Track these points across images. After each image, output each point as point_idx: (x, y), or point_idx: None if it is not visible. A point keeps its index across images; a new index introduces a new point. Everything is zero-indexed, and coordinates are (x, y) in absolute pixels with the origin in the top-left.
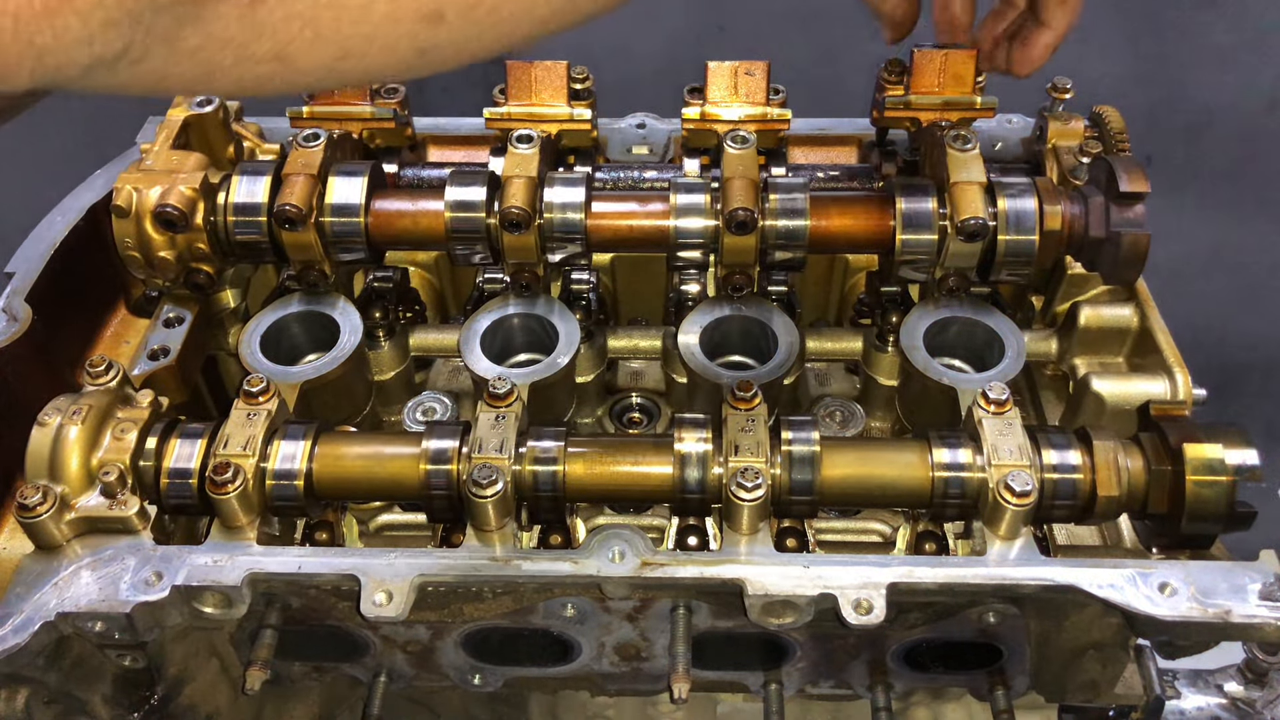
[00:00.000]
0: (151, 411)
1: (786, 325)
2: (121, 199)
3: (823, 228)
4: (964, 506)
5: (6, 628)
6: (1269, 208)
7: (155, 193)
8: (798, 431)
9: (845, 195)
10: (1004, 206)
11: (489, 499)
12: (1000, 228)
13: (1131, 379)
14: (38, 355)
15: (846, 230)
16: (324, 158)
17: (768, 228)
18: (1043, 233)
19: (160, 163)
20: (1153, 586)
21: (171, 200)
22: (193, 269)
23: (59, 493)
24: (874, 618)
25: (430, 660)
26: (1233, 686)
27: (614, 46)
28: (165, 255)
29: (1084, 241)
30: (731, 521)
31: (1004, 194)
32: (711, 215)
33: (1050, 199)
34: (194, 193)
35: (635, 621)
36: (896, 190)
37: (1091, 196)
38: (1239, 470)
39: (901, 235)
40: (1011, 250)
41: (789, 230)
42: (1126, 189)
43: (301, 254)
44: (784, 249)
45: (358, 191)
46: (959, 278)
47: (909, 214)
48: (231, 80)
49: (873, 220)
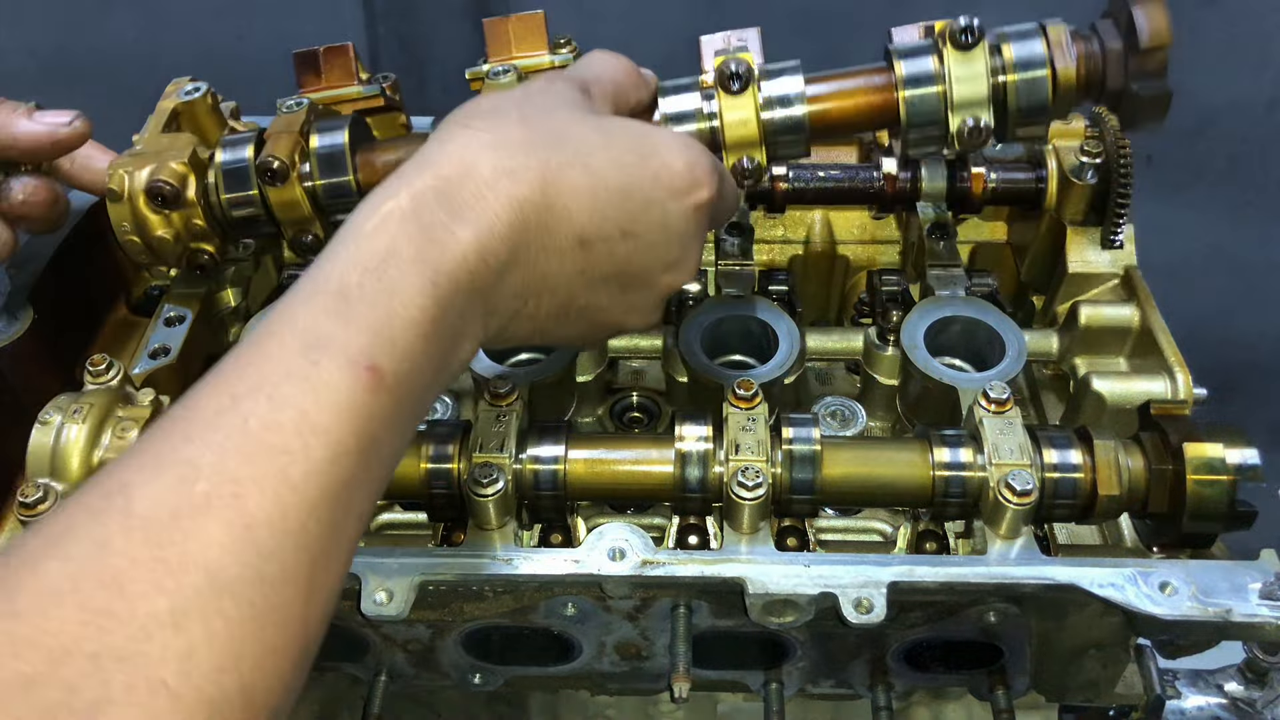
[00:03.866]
0: (152, 410)
1: (787, 324)
2: (114, 183)
3: (822, 111)
4: (965, 505)
5: None
6: (1269, 208)
7: (146, 172)
8: (798, 431)
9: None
10: (1009, 49)
11: (490, 498)
12: (1007, 67)
13: (1132, 378)
14: (38, 354)
15: (850, 106)
16: (305, 118)
17: (765, 119)
18: (1055, 72)
19: (150, 146)
20: (1153, 586)
21: (162, 176)
22: (194, 250)
23: (60, 491)
24: (875, 617)
25: (431, 659)
26: (1233, 686)
27: (614, 47)
28: (163, 235)
29: (1101, 90)
30: (732, 520)
31: (1008, 39)
32: (704, 119)
33: (1058, 40)
34: (184, 167)
35: (636, 620)
36: (896, 56)
37: (1109, 42)
38: (1240, 470)
39: (905, 93)
40: (1023, 92)
41: (788, 118)
42: (1147, 44)
43: (291, 213)
44: (787, 131)
45: (341, 137)
46: (975, 131)
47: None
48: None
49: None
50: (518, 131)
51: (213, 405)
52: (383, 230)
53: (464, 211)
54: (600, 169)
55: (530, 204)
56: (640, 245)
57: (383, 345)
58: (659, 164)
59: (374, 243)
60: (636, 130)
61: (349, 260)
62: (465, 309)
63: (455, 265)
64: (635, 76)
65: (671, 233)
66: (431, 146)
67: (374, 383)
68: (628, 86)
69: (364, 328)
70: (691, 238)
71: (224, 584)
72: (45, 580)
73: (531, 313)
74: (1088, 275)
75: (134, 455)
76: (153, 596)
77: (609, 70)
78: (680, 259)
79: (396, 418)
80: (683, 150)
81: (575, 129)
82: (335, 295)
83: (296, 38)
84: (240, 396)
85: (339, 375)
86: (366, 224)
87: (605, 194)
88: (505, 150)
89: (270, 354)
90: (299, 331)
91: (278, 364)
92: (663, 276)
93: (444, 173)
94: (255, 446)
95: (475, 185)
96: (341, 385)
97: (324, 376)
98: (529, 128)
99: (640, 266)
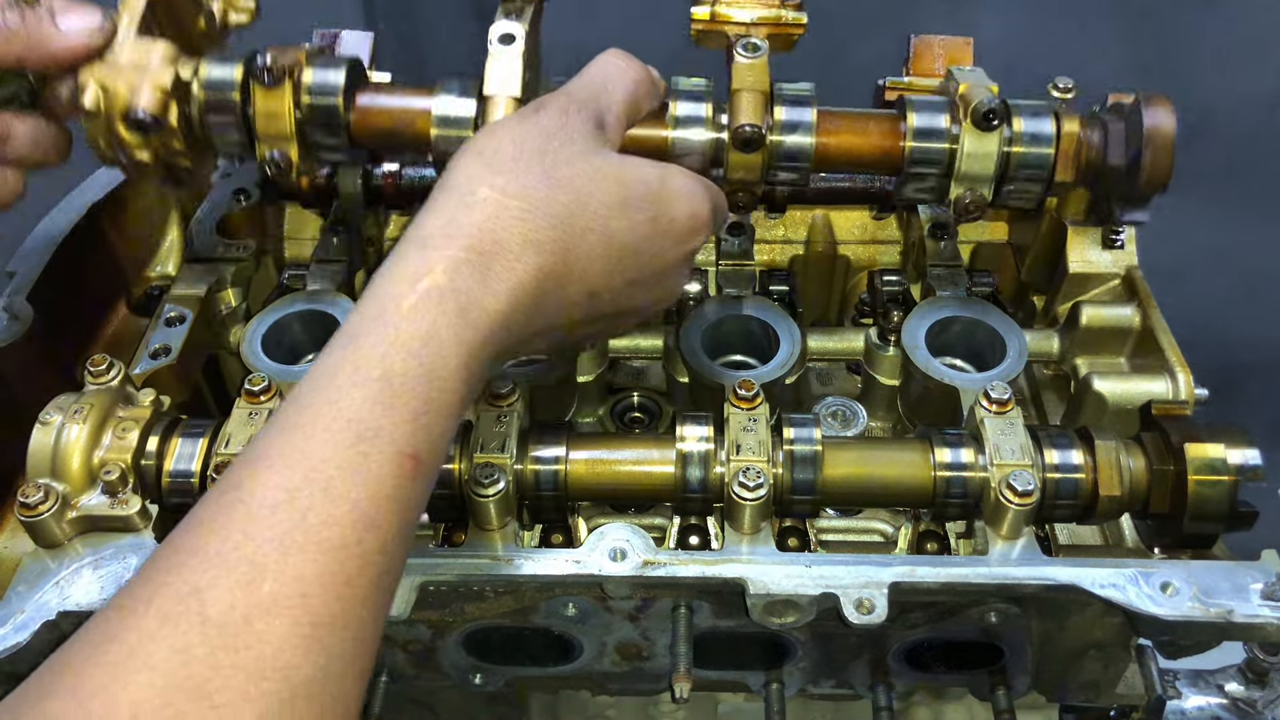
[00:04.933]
0: (153, 411)
1: (788, 325)
2: (89, 100)
3: (829, 145)
4: (966, 506)
5: (7, 626)
6: (1269, 208)
7: (124, 93)
8: (800, 431)
9: (853, 112)
10: (1019, 121)
11: (490, 498)
12: (1015, 139)
13: (1133, 379)
14: (39, 354)
15: (854, 147)
16: (309, 51)
17: (773, 143)
18: (1057, 157)
19: (126, 54)
20: (1154, 586)
21: (142, 104)
22: (171, 165)
23: (60, 491)
24: (876, 617)
25: (431, 659)
26: (1233, 687)
27: (614, 46)
28: (142, 158)
29: (1091, 183)
30: (733, 521)
31: (1019, 113)
32: (714, 128)
33: (1067, 116)
34: (165, 93)
35: (636, 621)
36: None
37: (1112, 157)
38: (1241, 470)
39: (911, 144)
40: (1025, 162)
41: (795, 148)
42: (1143, 186)
43: (273, 125)
44: (789, 169)
45: (339, 75)
46: (975, 199)
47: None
48: None
49: (883, 137)
50: (542, 192)
51: (268, 498)
52: (423, 310)
53: (496, 285)
54: (616, 232)
55: (552, 272)
56: (640, 288)
57: (422, 432)
58: (667, 219)
59: (415, 324)
60: (652, 183)
61: (392, 343)
62: (486, 371)
63: (485, 340)
64: (649, 84)
65: (667, 275)
66: (456, 205)
67: (415, 470)
68: (642, 99)
69: (408, 417)
70: (682, 273)
71: (298, 685)
72: (137, 694)
73: (529, 349)
74: (1089, 275)
75: (193, 551)
76: (239, 706)
77: (623, 88)
78: (670, 291)
79: (427, 494)
80: (690, 202)
81: (597, 184)
82: (381, 383)
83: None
84: (294, 489)
85: (387, 467)
86: (405, 300)
87: (618, 253)
88: (532, 220)
89: (320, 442)
90: (348, 421)
91: (330, 455)
92: (652, 306)
93: (475, 244)
94: (315, 545)
95: (505, 258)
96: (388, 476)
97: (373, 469)
98: (552, 188)
99: (636, 304)
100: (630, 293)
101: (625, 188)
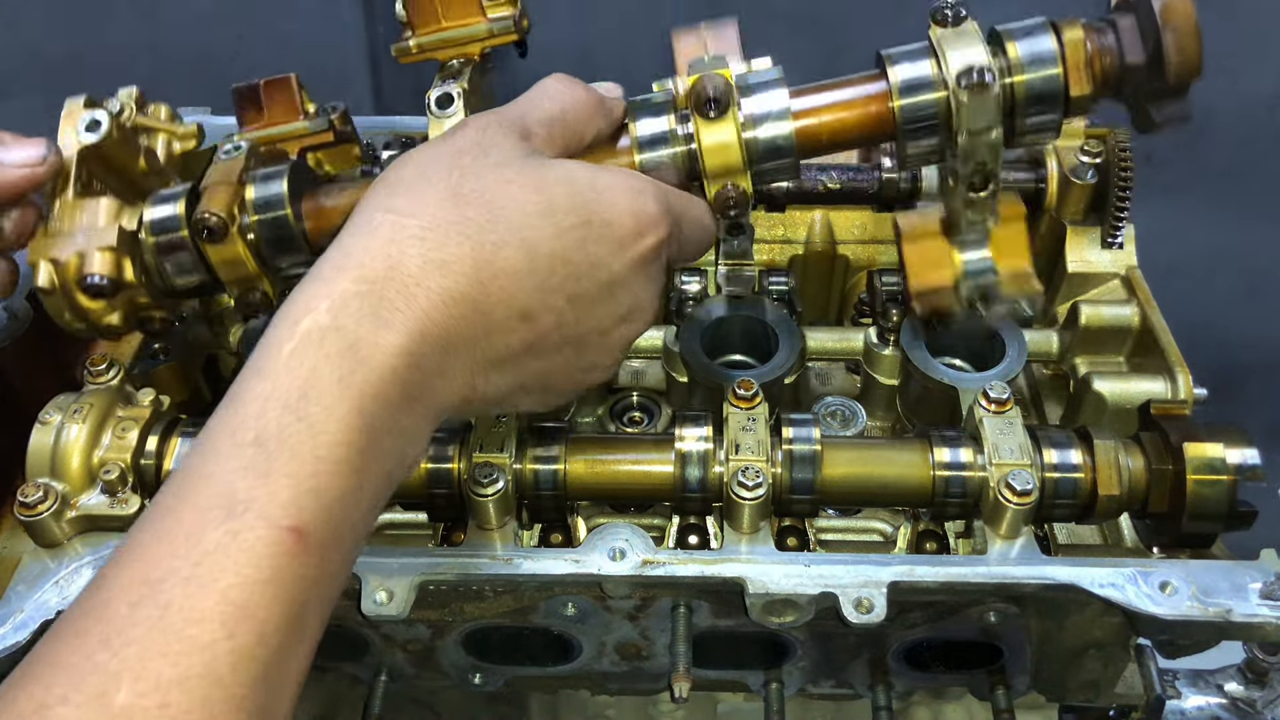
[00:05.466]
0: (152, 410)
1: (787, 324)
2: (43, 279)
3: (812, 128)
4: (965, 505)
5: (7, 626)
6: (1269, 208)
7: (73, 262)
8: (799, 430)
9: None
10: (1013, 46)
11: (490, 497)
12: (1014, 67)
13: (1132, 378)
14: (39, 354)
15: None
16: (244, 164)
17: (748, 140)
18: (1066, 74)
19: (67, 219)
20: (1154, 586)
21: (94, 270)
22: (145, 319)
23: (60, 491)
24: (875, 616)
25: (431, 659)
26: (1233, 686)
27: (614, 46)
28: (111, 322)
29: (1116, 94)
30: (732, 520)
31: (1012, 37)
32: (680, 141)
33: (1068, 25)
34: (113, 254)
35: (636, 620)
36: (888, 61)
37: (1130, 55)
38: (1240, 469)
39: (900, 101)
40: (1032, 90)
41: (774, 141)
42: (1174, 78)
43: (235, 272)
44: (773, 153)
45: (280, 185)
46: (990, 153)
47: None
48: None
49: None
50: (447, 210)
51: (128, 596)
52: (301, 355)
53: (391, 315)
54: (538, 241)
55: (464, 295)
56: (588, 306)
57: (307, 499)
58: (601, 221)
59: (293, 372)
60: (579, 182)
61: (266, 397)
62: (400, 420)
63: (384, 381)
64: (590, 107)
65: (620, 286)
66: (352, 235)
67: (298, 545)
68: (581, 120)
69: (287, 484)
70: (643, 286)
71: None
72: None
73: (484, 394)
74: (1088, 275)
75: (49, 663)
76: None
77: (557, 105)
78: (633, 308)
79: (325, 570)
80: (628, 197)
81: (510, 194)
82: (253, 447)
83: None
84: (157, 582)
85: (261, 546)
86: (284, 346)
87: (546, 264)
88: (433, 238)
89: (189, 524)
90: (216, 495)
91: (195, 538)
92: (617, 330)
93: (367, 273)
94: (177, 644)
95: (402, 283)
96: (263, 557)
97: (244, 548)
98: (459, 203)
99: (591, 326)
100: (580, 312)
101: (546, 193)
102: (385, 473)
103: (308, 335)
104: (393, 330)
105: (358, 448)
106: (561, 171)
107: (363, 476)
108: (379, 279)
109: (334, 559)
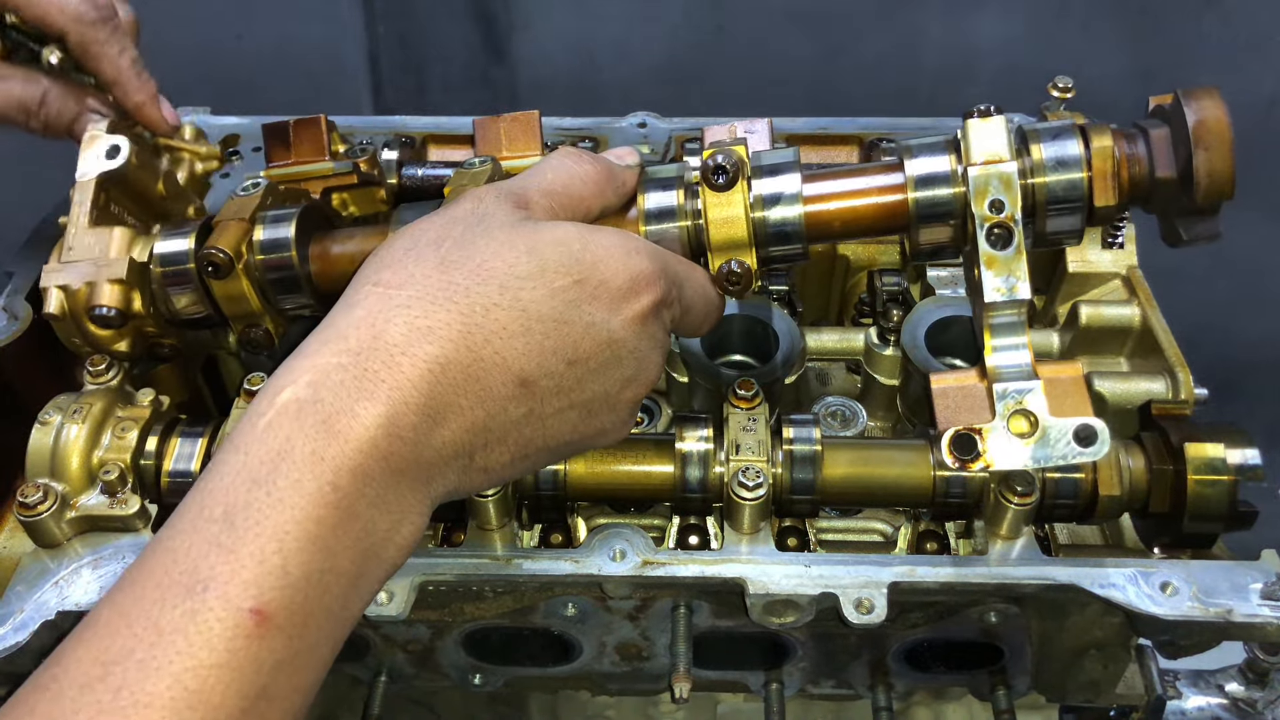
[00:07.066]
0: (152, 411)
1: (788, 324)
2: (54, 306)
3: (822, 214)
4: (965, 506)
5: (7, 626)
6: (1269, 208)
7: (84, 291)
8: (799, 431)
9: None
10: (1037, 148)
11: (490, 498)
12: (1036, 169)
13: (1133, 378)
14: (38, 354)
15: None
16: (260, 203)
17: (757, 220)
18: (1092, 165)
19: (81, 247)
20: (1154, 586)
21: (103, 301)
22: (155, 344)
23: (60, 491)
24: (875, 617)
25: (431, 660)
26: (1234, 687)
27: (614, 46)
28: (120, 348)
29: (1145, 204)
30: (733, 521)
31: (1038, 138)
32: (688, 216)
33: (1096, 131)
34: (122, 287)
35: (636, 621)
36: (904, 154)
37: (1160, 169)
38: (1241, 470)
39: (914, 194)
40: (1053, 193)
41: (783, 222)
42: (1203, 199)
43: (237, 307)
44: (781, 235)
45: (288, 230)
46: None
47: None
48: None
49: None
50: (435, 278)
51: (81, 675)
52: (276, 428)
53: (374, 386)
54: (531, 302)
55: (453, 361)
56: (590, 370)
57: (272, 579)
58: (595, 280)
59: (266, 445)
60: (571, 242)
61: (237, 471)
62: (383, 495)
63: (362, 454)
64: (596, 181)
65: (621, 349)
66: (340, 310)
67: (259, 628)
68: (587, 194)
69: (251, 561)
70: (648, 347)
71: None
72: None
73: (484, 464)
74: (1088, 275)
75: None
76: None
77: (561, 177)
78: (637, 372)
79: (293, 651)
80: (622, 258)
81: (502, 258)
82: (221, 523)
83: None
84: (111, 663)
85: (218, 628)
86: (261, 419)
87: (540, 327)
88: (420, 305)
89: (149, 602)
90: (179, 572)
91: (153, 617)
92: (623, 393)
93: (350, 344)
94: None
95: (386, 353)
96: (219, 637)
97: (201, 630)
98: (447, 270)
99: (595, 391)
100: (581, 375)
101: (538, 254)
102: (366, 550)
103: (285, 408)
104: (374, 401)
105: (329, 524)
106: (555, 233)
107: (336, 555)
108: (363, 350)
109: (305, 639)
